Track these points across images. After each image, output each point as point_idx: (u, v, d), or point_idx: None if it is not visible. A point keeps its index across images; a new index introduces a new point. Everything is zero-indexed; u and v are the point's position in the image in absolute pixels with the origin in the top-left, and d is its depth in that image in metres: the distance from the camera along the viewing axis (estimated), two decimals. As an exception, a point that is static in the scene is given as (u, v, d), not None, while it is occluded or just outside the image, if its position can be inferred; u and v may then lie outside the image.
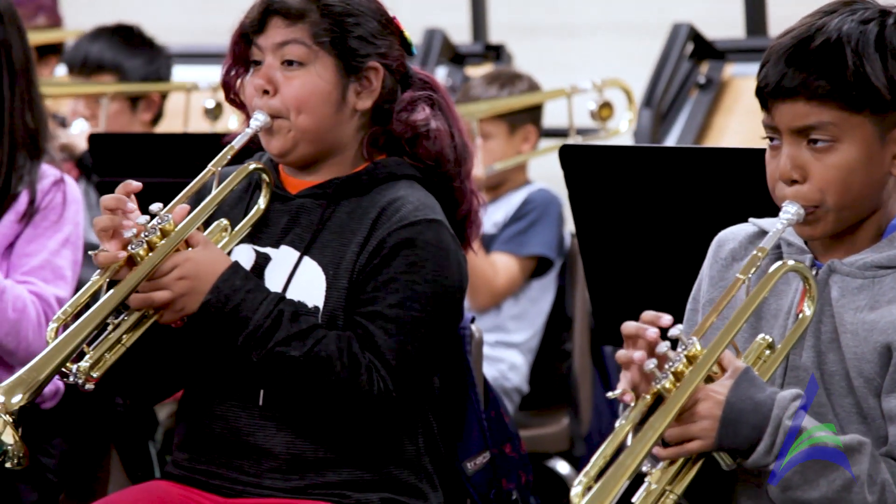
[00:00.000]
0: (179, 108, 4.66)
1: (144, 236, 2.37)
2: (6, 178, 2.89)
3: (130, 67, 4.36)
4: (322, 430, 2.48)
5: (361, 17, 2.52)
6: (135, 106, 4.34)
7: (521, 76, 4.27)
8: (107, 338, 2.37)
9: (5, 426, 2.23)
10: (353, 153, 2.57)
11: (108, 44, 4.38)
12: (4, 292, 2.81)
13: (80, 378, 2.33)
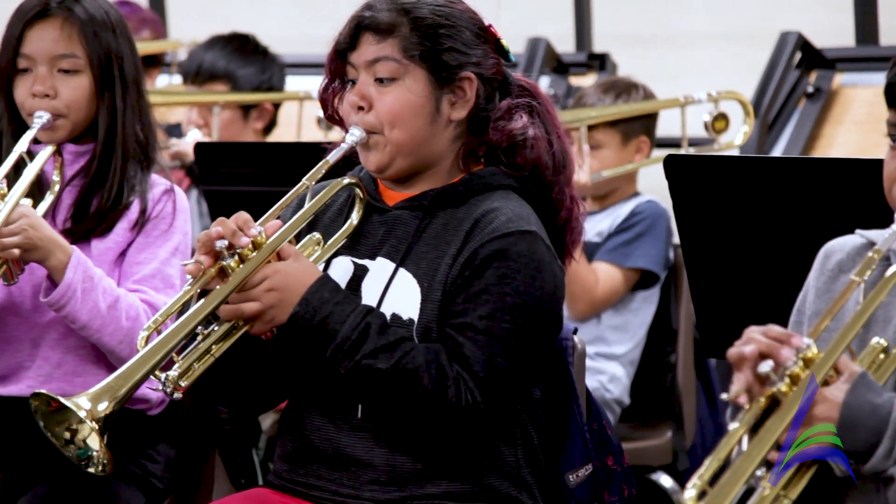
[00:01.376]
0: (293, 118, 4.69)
1: (237, 249, 2.39)
2: (119, 188, 2.93)
3: (243, 76, 4.40)
4: (420, 443, 2.48)
5: (453, 28, 2.51)
6: (247, 115, 4.37)
7: (637, 85, 4.19)
8: (196, 347, 2.40)
9: (91, 432, 2.25)
10: (449, 164, 2.57)
11: (221, 53, 4.42)
12: (118, 301, 2.85)
13: (169, 387, 2.35)
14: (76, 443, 2.27)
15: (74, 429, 2.25)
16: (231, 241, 2.38)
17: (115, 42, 2.94)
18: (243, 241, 2.38)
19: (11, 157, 2.87)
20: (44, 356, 2.92)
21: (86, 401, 2.22)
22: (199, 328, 2.39)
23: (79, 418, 2.22)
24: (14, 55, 2.91)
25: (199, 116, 4.33)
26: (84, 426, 2.24)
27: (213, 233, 2.38)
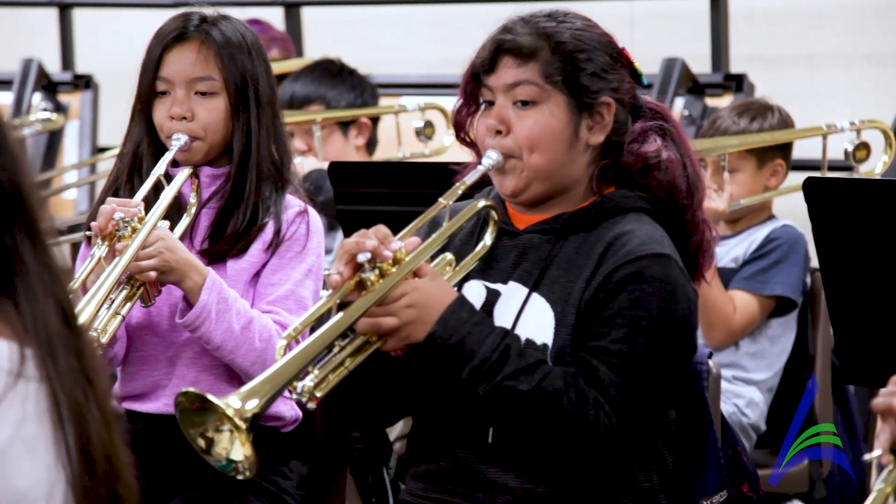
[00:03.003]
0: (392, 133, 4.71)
1: (378, 263, 2.38)
2: (254, 209, 2.95)
3: (334, 96, 4.44)
4: (554, 466, 2.46)
5: (592, 52, 2.50)
6: (346, 131, 4.41)
7: (773, 108, 4.10)
8: (332, 359, 2.38)
9: (239, 432, 2.24)
10: (583, 188, 2.55)
11: (310, 79, 4.48)
12: (252, 323, 2.87)
13: (305, 396, 2.34)
14: (221, 444, 2.26)
15: (219, 429, 2.25)
16: (373, 253, 2.37)
17: (250, 64, 2.97)
18: (385, 253, 2.37)
19: (150, 179, 2.91)
20: (179, 375, 2.96)
21: (236, 400, 2.22)
22: (336, 340, 2.38)
23: (226, 418, 2.22)
24: (153, 78, 2.95)
25: (302, 142, 4.37)
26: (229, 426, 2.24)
27: (356, 244, 2.38)
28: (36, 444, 1.69)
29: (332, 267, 2.38)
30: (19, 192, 1.74)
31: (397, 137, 4.69)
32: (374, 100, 4.55)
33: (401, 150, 4.67)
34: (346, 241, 2.38)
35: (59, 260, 1.81)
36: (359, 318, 2.37)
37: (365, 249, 2.35)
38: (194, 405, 2.22)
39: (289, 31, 6.21)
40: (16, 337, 1.70)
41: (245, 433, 2.19)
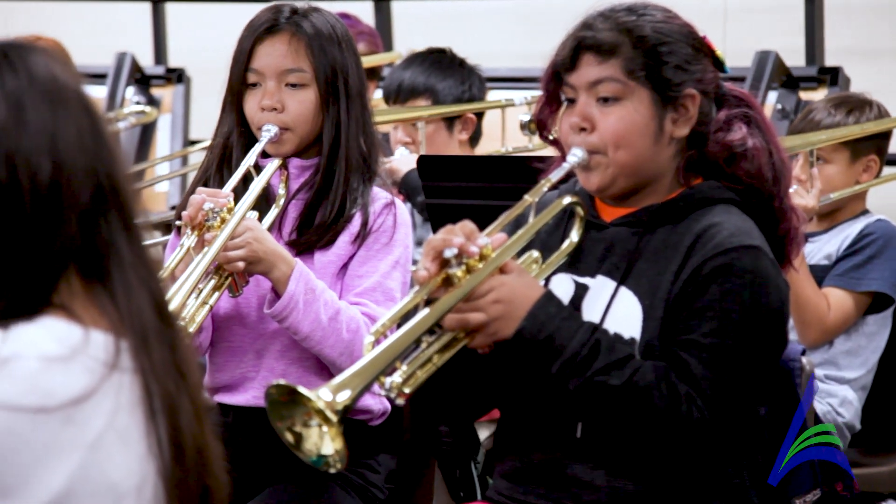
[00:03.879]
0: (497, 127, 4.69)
1: (464, 259, 2.37)
2: (342, 201, 2.96)
3: (443, 89, 4.41)
4: (643, 463, 2.44)
5: (674, 45, 2.47)
6: (451, 126, 4.39)
7: (871, 102, 4.00)
8: (420, 355, 2.37)
9: (327, 425, 2.23)
10: (669, 180, 2.53)
11: (419, 69, 4.45)
12: (339, 314, 2.88)
13: (393, 392, 2.34)
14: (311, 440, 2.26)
15: (307, 424, 2.25)
16: (460, 249, 2.37)
17: (340, 56, 2.98)
18: (472, 249, 2.36)
19: (239, 170, 2.93)
20: (268, 367, 2.97)
21: (327, 392, 2.22)
22: (424, 336, 2.38)
23: (314, 411, 2.22)
24: (244, 70, 2.97)
25: (406, 134, 4.36)
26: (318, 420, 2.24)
27: (442, 240, 2.37)
28: (128, 435, 1.71)
29: (419, 263, 2.37)
30: (115, 185, 1.75)
31: (502, 132, 4.67)
32: (482, 93, 4.51)
33: (504, 145, 4.65)
34: (433, 237, 2.37)
35: (151, 252, 1.82)
36: (446, 314, 2.36)
37: (452, 245, 2.34)
38: (283, 397, 2.22)
39: (378, 25, 6.23)
40: (111, 328, 1.72)
41: (336, 426, 2.19)
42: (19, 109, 1.69)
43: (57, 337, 1.67)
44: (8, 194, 1.67)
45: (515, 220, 2.51)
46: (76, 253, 1.72)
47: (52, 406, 1.63)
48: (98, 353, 1.70)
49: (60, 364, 1.66)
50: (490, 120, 4.61)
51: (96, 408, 1.67)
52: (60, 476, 1.64)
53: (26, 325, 1.67)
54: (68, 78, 1.75)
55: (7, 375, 1.62)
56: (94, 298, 1.74)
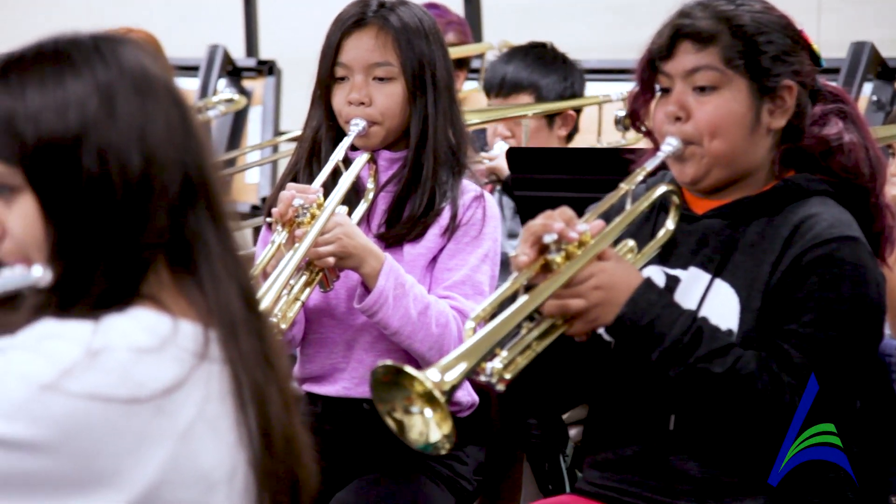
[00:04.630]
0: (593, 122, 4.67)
1: (564, 245, 2.36)
2: (431, 194, 2.96)
3: (546, 85, 4.40)
4: (737, 454, 2.42)
5: (773, 35, 2.45)
6: (551, 123, 4.38)
7: None
8: (519, 341, 2.36)
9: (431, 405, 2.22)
10: (764, 172, 2.51)
11: (522, 64, 4.43)
12: (428, 308, 2.88)
13: (494, 378, 2.33)
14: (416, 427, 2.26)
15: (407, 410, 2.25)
16: (560, 234, 2.36)
17: (427, 49, 2.98)
18: (572, 235, 2.35)
19: (328, 165, 2.94)
20: (357, 359, 2.99)
21: (435, 372, 2.22)
22: (524, 322, 2.37)
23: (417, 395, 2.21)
24: (332, 64, 2.98)
25: (506, 128, 4.35)
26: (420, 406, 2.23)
27: (542, 225, 2.36)
28: (218, 425, 1.72)
29: (518, 248, 2.36)
30: (203, 177, 1.77)
31: (598, 127, 4.65)
32: (582, 88, 4.49)
33: (600, 140, 4.63)
34: (533, 223, 2.36)
35: (239, 243, 1.84)
36: (545, 301, 2.35)
37: (551, 231, 2.33)
38: (387, 377, 2.21)
39: (468, 15, 6.23)
40: (200, 319, 1.73)
41: (443, 407, 2.18)
42: (110, 102, 1.71)
43: (147, 328, 1.69)
44: (99, 187, 1.69)
45: (608, 211, 2.50)
46: (165, 244, 1.74)
47: (144, 397, 1.65)
48: (187, 343, 1.71)
49: (151, 355, 1.67)
50: (585, 115, 4.59)
51: (186, 398, 1.69)
52: (153, 466, 1.66)
53: (117, 317, 1.69)
54: (158, 70, 1.77)
55: (99, 367, 1.64)
56: (183, 289, 1.75)
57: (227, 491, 1.74)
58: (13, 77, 1.71)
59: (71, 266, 1.70)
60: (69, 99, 1.69)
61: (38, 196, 1.70)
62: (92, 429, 1.63)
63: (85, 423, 1.62)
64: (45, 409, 1.61)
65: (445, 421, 2.19)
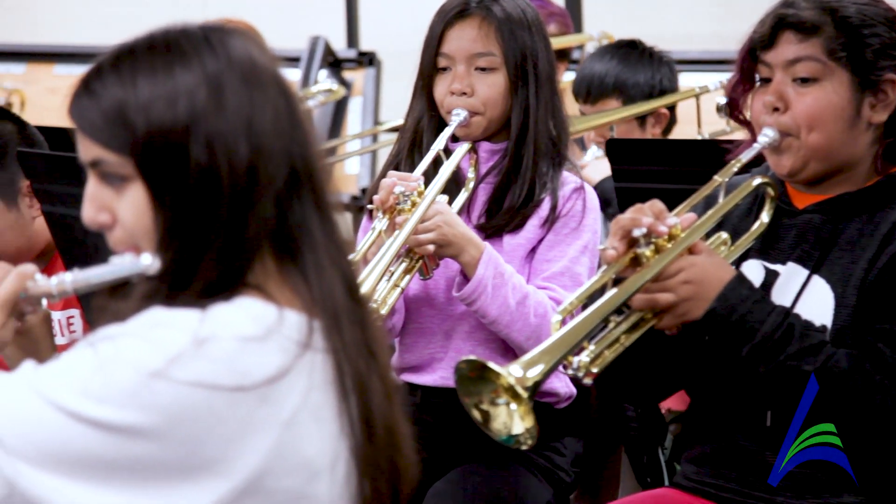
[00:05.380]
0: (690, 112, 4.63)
1: (653, 239, 2.35)
2: (531, 185, 2.96)
3: (633, 86, 4.33)
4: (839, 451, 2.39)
5: (877, 28, 2.42)
6: (643, 122, 4.32)
7: None
8: (607, 335, 2.36)
9: (516, 401, 2.23)
10: (865, 167, 2.48)
11: (608, 66, 4.36)
12: (527, 298, 2.88)
13: (581, 371, 2.33)
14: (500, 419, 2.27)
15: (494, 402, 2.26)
16: (649, 228, 2.35)
17: (530, 40, 2.98)
18: (661, 229, 2.34)
19: (430, 154, 2.95)
20: (455, 348, 2.99)
21: (517, 368, 2.22)
22: (612, 316, 2.36)
23: (502, 389, 2.22)
24: (435, 55, 2.99)
25: (598, 134, 4.32)
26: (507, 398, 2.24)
27: (631, 220, 2.35)
28: (321, 414, 1.74)
29: (607, 242, 2.36)
30: (308, 167, 1.78)
31: (697, 118, 4.60)
32: (674, 82, 4.41)
33: (701, 132, 4.58)
34: (622, 216, 2.36)
35: (342, 232, 1.85)
36: (634, 294, 2.34)
37: (640, 225, 2.33)
38: (472, 373, 2.23)
39: (569, 6, 6.21)
40: (304, 308, 1.75)
41: (526, 402, 2.19)
42: (219, 92, 1.73)
43: (252, 317, 1.71)
44: (207, 176, 1.71)
45: (706, 202, 2.48)
46: (270, 234, 1.76)
47: (249, 385, 1.67)
48: (292, 332, 1.73)
49: (256, 344, 1.69)
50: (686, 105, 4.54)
51: (291, 387, 1.70)
52: (257, 453, 1.68)
53: (223, 306, 1.71)
54: (265, 60, 1.78)
55: (205, 355, 1.66)
56: (288, 279, 1.77)
57: (329, 479, 1.75)
58: (125, 68, 1.73)
59: (179, 255, 1.72)
60: (179, 89, 1.71)
61: (147, 185, 1.72)
62: (198, 416, 1.65)
63: (191, 410, 1.65)
64: (153, 396, 1.63)
65: (528, 415, 2.19)
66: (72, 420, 1.63)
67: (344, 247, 1.83)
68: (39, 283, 1.86)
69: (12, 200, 3.21)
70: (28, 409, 1.64)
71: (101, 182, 1.76)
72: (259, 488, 1.69)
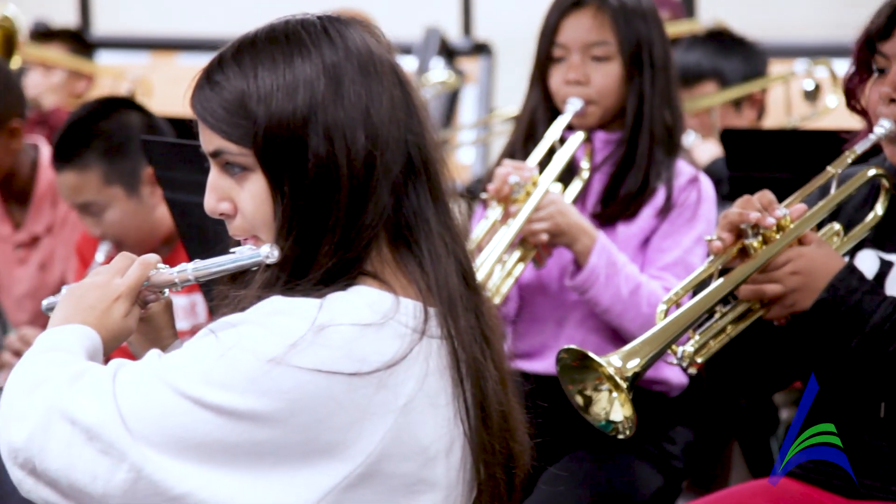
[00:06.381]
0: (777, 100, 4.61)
1: (761, 230, 2.35)
2: (645, 174, 2.96)
3: (729, 71, 4.33)
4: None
5: None
6: (738, 107, 4.31)
7: None
8: (713, 325, 2.35)
9: (616, 391, 2.25)
10: None
11: (702, 52, 4.38)
12: (640, 288, 2.88)
13: (685, 361, 2.33)
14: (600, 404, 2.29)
15: (597, 388, 2.28)
16: (757, 220, 2.34)
17: (645, 29, 2.97)
18: (769, 221, 2.33)
19: (544, 143, 2.96)
20: (567, 336, 3.00)
21: (617, 359, 2.24)
22: (718, 306, 2.36)
23: (606, 377, 2.24)
24: (550, 44, 3.00)
25: (696, 119, 4.30)
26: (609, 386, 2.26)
27: (739, 213, 2.35)
28: (438, 399, 1.76)
29: (715, 233, 2.36)
30: (424, 156, 1.80)
31: (786, 104, 4.58)
32: (765, 68, 4.44)
33: (790, 118, 4.56)
34: (730, 210, 2.36)
35: (458, 220, 1.87)
36: (741, 285, 2.34)
37: (748, 219, 2.33)
38: (575, 362, 2.25)
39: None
40: (420, 295, 1.77)
41: (625, 392, 2.21)
42: (337, 83, 1.75)
43: (370, 304, 1.74)
44: (325, 166, 1.74)
45: (821, 192, 2.46)
46: (387, 222, 1.78)
47: (366, 371, 1.70)
48: (408, 319, 1.75)
49: (373, 331, 1.72)
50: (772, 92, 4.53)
51: (407, 373, 1.73)
52: (375, 438, 1.70)
53: (340, 294, 1.74)
54: (382, 50, 1.81)
55: (324, 342, 1.69)
56: (404, 266, 1.79)
57: (445, 464, 1.77)
58: (246, 59, 1.76)
59: (297, 244, 1.75)
60: (298, 80, 1.74)
61: (267, 175, 1.75)
62: (317, 401, 1.68)
63: (310, 395, 1.68)
64: (273, 382, 1.67)
65: (628, 404, 2.21)
66: (196, 406, 1.67)
67: (459, 235, 1.85)
68: (162, 273, 1.90)
69: (133, 188, 3.28)
70: (154, 396, 1.68)
71: (222, 172, 1.80)
72: (377, 472, 1.72)
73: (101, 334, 1.83)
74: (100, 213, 3.30)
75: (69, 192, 3.31)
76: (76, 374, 1.72)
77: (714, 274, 2.34)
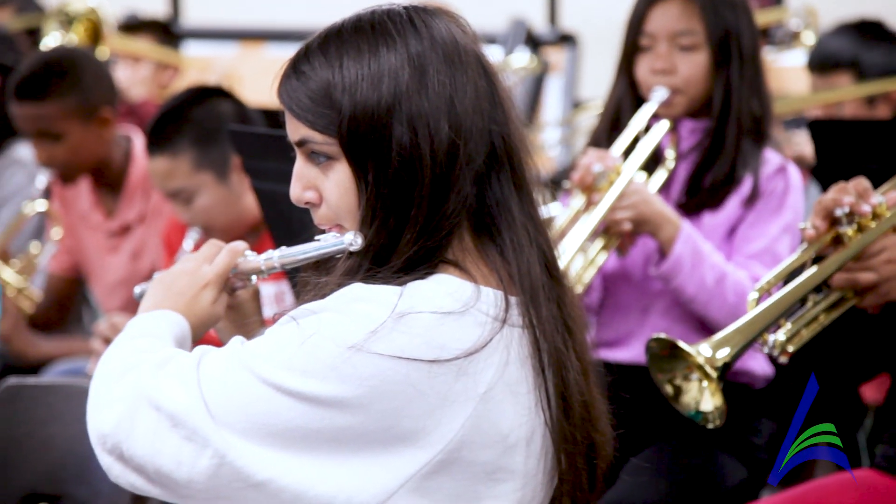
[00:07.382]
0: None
1: (856, 218, 2.32)
2: (732, 164, 2.94)
3: (868, 63, 4.23)
4: None
5: None
6: (872, 102, 4.22)
7: None
8: (805, 313, 2.33)
9: (707, 380, 2.24)
10: None
11: (846, 40, 4.28)
12: (725, 277, 2.87)
13: (776, 350, 2.31)
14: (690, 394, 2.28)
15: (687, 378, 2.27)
16: (852, 208, 2.32)
17: (733, 17, 2.95)
18: (864, 208, 2.31)
19: (628, 132, 2.95)
20: (652, 324, 2.99)
21: (707, 348, 2.23)
22: (811, 294, 2.34)
23: (696, 366, 2.23)
24: (637, 34, 2.99)
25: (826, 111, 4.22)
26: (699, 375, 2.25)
27: (833, 199, 2.33)
28: (518, 388, 1.76)
29: (808, 221, 2.34)
30: (508, 146, 1.81)
31: None
32: None
33: None
34: (824, 196, 2.33)
35: (542, 210, 1.87)
36: (834, 273, 2.32)
37: (842, 205, 2.30)
38: (664, 351, 2.25)
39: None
40: (501, 284, 1.77)
41: (716, 382, 2.20)
42: (422, 73, 1.76)
43: (450, 292, 1.74)
44: (409, 155, 1.74)
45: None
46: (469, 211, 1.79)
47: (446, 358, 1.70)
48: (489, 308, 1.76)
49: (453, 318, 1.72)
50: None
51: (487, 361, 1.73)
52: (455, 425, 1.71)
53: (422, 281, 1.75)
54: (467, 40, 1.81)
55: (404, 329, 1.70)
56: (485, 255, 1.80)
57: (525, 453, 1.78)
58: (332, 50, 1.78)
59: (380, 232, 1.77)
60: (383, 70, 1.75)
61: (352, 165, 1.77)
62: (397, 388, 1.69)
63: (390, 382, 1.69)
64: (354, 368, 1.68)
65: (718, 394, 2.20)
66: (278, 393, 1.69)
67: (542, 225, 1.85)
68: (249, 260, 1.92)
69: (223, 175, 3.31)
70: (237, 383, 1.70)
71: (308, 161, 1.81)
72: (456, 460, 1.73)
73: (189, 320, 1.86)
74: (190, 200, 3.34)
75: (161, 178, 3.35)
76: (162, 361, 1.74)
77: (807, 262, 2.32)
